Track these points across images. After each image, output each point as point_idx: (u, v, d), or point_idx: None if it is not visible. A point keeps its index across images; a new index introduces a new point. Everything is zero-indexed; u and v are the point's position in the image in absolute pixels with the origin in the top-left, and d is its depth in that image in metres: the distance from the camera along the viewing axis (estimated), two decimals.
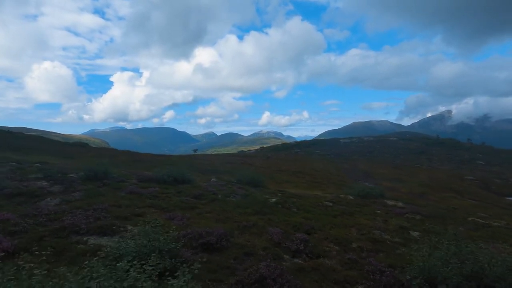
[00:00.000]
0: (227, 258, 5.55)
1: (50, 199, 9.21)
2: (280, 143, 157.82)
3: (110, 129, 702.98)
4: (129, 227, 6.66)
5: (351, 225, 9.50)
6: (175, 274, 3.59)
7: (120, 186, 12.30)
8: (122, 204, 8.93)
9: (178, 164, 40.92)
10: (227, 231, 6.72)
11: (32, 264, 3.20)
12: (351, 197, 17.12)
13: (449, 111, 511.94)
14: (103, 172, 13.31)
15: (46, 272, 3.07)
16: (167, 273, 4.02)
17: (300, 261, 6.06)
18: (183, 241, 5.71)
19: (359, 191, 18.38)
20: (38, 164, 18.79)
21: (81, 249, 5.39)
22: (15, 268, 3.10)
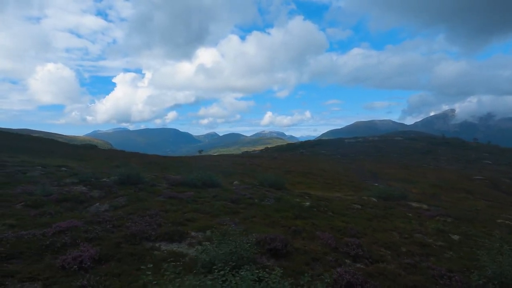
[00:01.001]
0: (298, 264, 5.75)
1: (99, 204, 9.45)
2: (284, 144, 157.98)
3: (113, 130, 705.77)
4: (193, 233, 6.88)
5: (390, 229, 9.67)
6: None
7: (155, 190, 12.54)
8: (168, 210, 9.15)
9: (191, 166, 41.17)
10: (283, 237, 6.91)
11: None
12: (374, 199, 17.26)
13: (453, 110, 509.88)
14: (135, 176, 13.54)
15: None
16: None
17: (362, 266, 6.25)
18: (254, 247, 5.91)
19: (380, 192, 18.51)
20: (64, 168, 19.10)
21: (159, 256, 5.60)
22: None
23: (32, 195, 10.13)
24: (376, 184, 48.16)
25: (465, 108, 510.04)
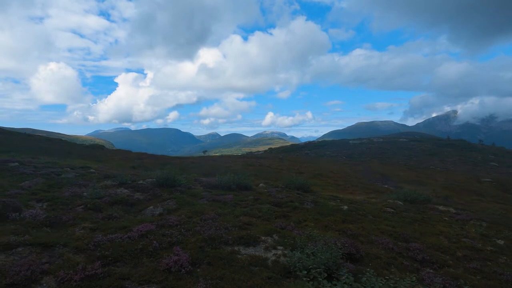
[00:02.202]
0: (376, 268, 5.98)
1: (153, 207, 9.70)
2: (287, 144, 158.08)
3: (115, 130, 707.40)
4: (263, 237, 7.11)
5: (436, 233, 9.88)
6: None
7: (195, 193, 12.79)
8: (221, 213, 9.38)
9: (204, 168, 41.28)
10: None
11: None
12: (400, 202, 17.45)
13: (455, 111, 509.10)
14: (172, 179, 13.78)
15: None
16: None
17: (432, 271, 6.47)
18: None
19: (406, 196, 18.68)
20: (93, 170, 19.37)
21: (244, 259, 5.83)
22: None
23: (82, 197, 10.39)
24: (386, 186, 48.21)
25: (467, 109, 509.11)
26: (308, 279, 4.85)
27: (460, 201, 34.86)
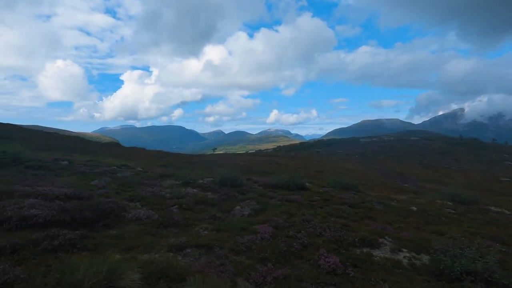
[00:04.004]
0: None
1: (240, 208, 9.80)
2: (296, 142, 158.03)
3: (120, 127, 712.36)
4: (380, 239, 7.18)
5: None
6: None
7: (260, 193, 12.87)
8: (309, 214, 9.46)
9: (227, 166, 41.40)
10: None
11: None
12: (449, 202, 17.41)
13: (462, 109, 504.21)
14: (234, 179, 13.89)
15: None
16: None
17: None
18: None
19: (453, 196, 18.60)
20: (140, 169, 19.58)
21: (382, 262, 5.90)
22: None
23: (164, 197, 10.53)
24: (407, 185, 47.98)
25: (474, 107, 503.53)
26: (471, 283, 4.90)
27: (487, 202, 34.62)
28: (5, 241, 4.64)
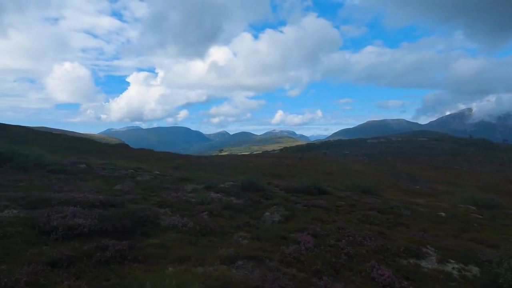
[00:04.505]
0: None
1: (269, 214, 9.67)
2: (303, 143, 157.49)
3: (127, 129, 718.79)
4: (423, 249, 6.98)
5: None
6: None
7: (284, 197, 12.72)
8: (337, 219, 9.28)
9: (238, 168, 41.34)
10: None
11: None
12: (471, 207, 17.04)
13: (469, 109, 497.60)
14: (256, 183, 13.76)
15: None
16: None
17: None
18: None
19: (475, 200, 18.22)
20: (157, 172, 19.58)
21: (433, 274, 5.71)
22: None
23: (190, 202, 10.45)
24: (418, 187, 47.34)
25: (482, 107, 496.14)
26: None
27: (508, 205, 33.96)
28: (59, 253, 4.58)
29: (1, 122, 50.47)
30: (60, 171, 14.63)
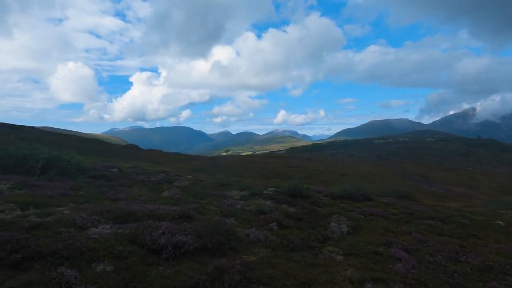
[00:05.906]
0: None
1: (336, 224, 9.42)
2: (309, 143, 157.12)
3: (129, 128, 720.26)
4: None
5: None
6: None
7: (334, 204, 12.49)
8: (409, 231, 9.03)
9: (256, 170, 40.95)
10: None
11: None
12: (503, 211, 16.74)
13: (473, 109, 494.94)
14: (302, 189, 13.52)
15: None
16: None
17: None
18: None
19: (509, 204, 17.92)
20: (189, 176, 19.38)
21: None
22: None
23: (243, 211, 10.22)
24: (433, 189, 46.87)
25: (487, 106, 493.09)
26: None
27: None
28: (188, 278, 4.36)
29: (12, 123, 50.45)
30: (100, 177, 14.47)
